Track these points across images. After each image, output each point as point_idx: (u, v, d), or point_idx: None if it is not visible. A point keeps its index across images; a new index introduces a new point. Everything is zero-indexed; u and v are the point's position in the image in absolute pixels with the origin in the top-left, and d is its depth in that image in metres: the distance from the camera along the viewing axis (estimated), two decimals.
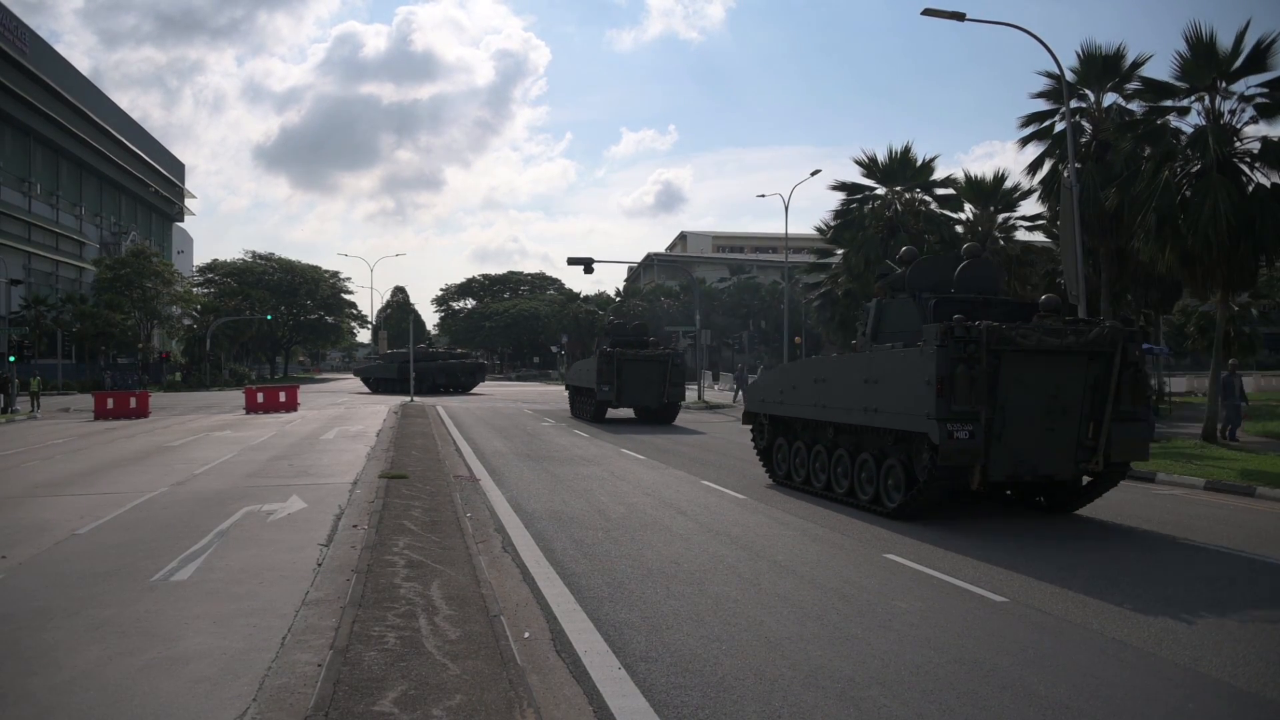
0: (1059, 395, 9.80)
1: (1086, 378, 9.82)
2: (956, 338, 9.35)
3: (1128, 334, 9.80)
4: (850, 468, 11.47)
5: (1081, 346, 9.70)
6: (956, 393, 9.32)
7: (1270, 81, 18.36)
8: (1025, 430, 9.72)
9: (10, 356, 38.03)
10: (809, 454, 12.56)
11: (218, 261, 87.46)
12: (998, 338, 9.39)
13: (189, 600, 6.67)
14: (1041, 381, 9.73)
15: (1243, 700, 4.97)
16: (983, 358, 9.34)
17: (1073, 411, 9.86)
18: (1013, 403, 9.63)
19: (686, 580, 7.43)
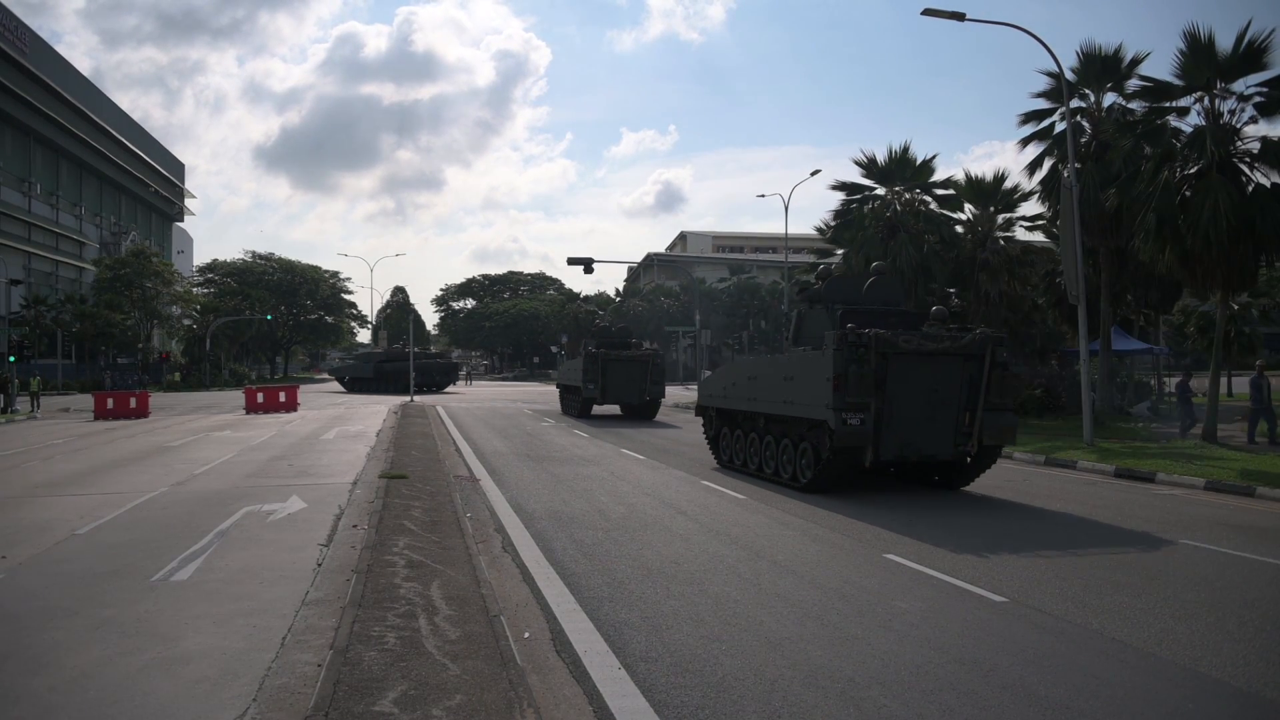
0: (938, 390, 11.75)
1: (962, 375, 11.78)
2: (849, 343, 11.34)
3: (996, 339, 11.85)
4: (775, 451, 13.47)
5: (957, 349, 11.70)
6: (849, 388, 11.27)
7: (1269, 80, 18.34)
8: (910, 418, 11.65)
9: (10, 356, 38.04)
10: (746, 441, 14.60)
11: (217, 261, 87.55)
12: (884, 342, 11.36)
13: (189, 600, 6.68)
14: (923, 378, 11.67)
15: (1243, 700, 4.97)
16: (872, 359, 11.30)
17: (950, 403, 11.80)
18: (899, 396, 11.56)
19: (687, 580, 7.44)
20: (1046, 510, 11.22)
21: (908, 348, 11.51)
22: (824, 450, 11.84)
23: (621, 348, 28.85)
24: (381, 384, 51.17)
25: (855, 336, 11.42)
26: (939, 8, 17.99)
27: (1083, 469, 15.62)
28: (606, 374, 27.69)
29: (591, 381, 27.61)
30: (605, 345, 28.72)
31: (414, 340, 49.19)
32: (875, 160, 28.72)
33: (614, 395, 28.31)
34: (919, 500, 11.97)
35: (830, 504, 11.47)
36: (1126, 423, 24.48)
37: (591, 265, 36.64)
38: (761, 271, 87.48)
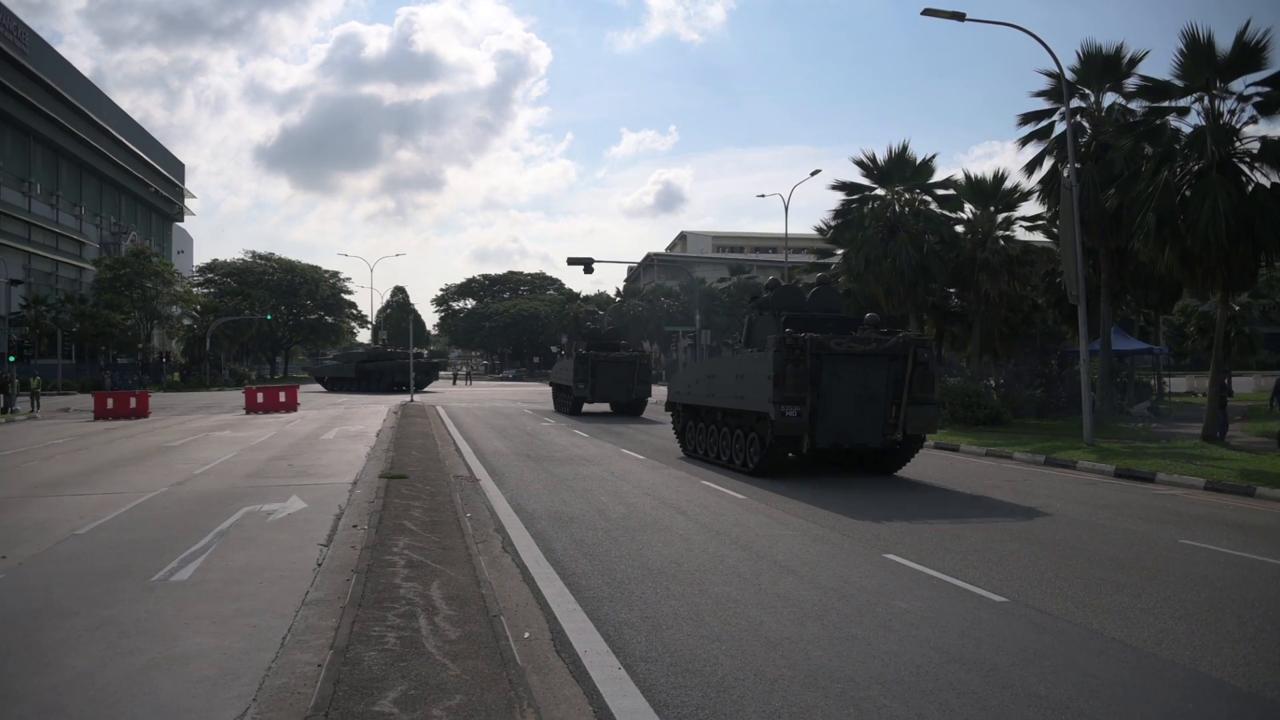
0: (867, 386, 13.36)
1: (888, 374, 13.37)
2: (787, 345, 13.01)
3: (918, 342, 13.57)
4: (730, 440, 15.19)
5: (882, 351, 13.29)
6: (787, 384, 12.94)
7: (1269, 79, 18.35)
8: (842, 411, 13.33)
9: (10, 356, 38.03)
10: (707, 432, 16.30)
11: (217, 261, 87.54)
12: (818, 345, 13.04)
13: (189, 600, 6.68)
14: (854, 376, 13.30)
15: (1243, 700, 4.97)
16: (807, 359, 12.98)
17: (879, 397, 13.40)
18: (832, 391, 13.21)
19: (687, 580, 7.44)
20: (1044, 510, 11.22)
21: (839, 349, 13.20)
22: (767, 438, 13.49)
23: (610, 349, 30.26)
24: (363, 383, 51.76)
25: (793, 340, 13.11)
26: (939, 8, 18.00)
27: (1083, 469, 15.63)
28: (596, 373, 29.23)
29: (582, 381, 29.10)
30: (595, 347, 30.12)
31: (413, 341, 49.27)
32: (875, 160, 28.73)
33: (603, 394, 29.94)
34: (920, 501, 11.98)
35: (830, 504, 11.48)
36: (1126, 423, 24.49)
37: (591, 265, 36.67)
38: (761, 271, 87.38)
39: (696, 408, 16.85)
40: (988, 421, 23.35)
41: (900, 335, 13.80)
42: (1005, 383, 27.82)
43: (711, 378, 16.02)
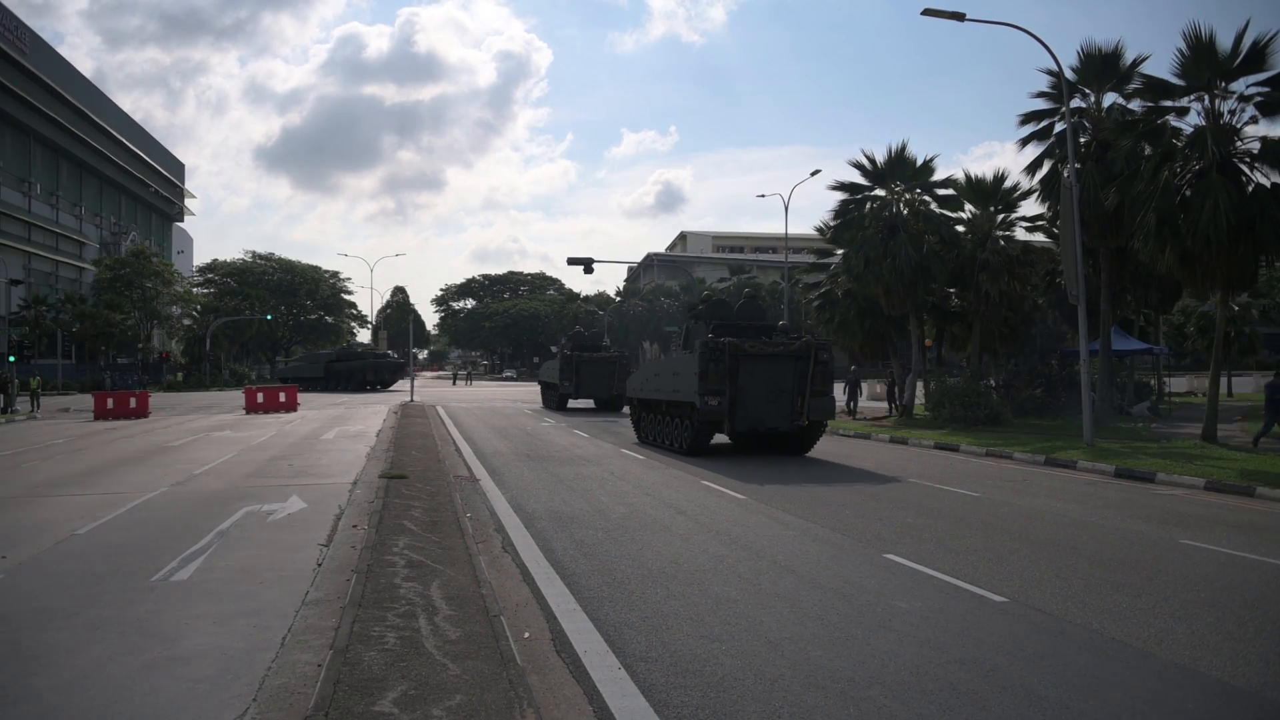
0: (777, 381, 16.23)
1: (794, 370, 16.21)
2: (709, 348, 15.91)
3: (818, 345, 16.55)
4: (670, 427, 18.15)
5: (789, 352, 16.24)
6: (709, 380, 15.86)
7: (1269, 79, 18.34)
8: (756, 401, 16.17)
9: (10, 356, 38.03)
10: (655, 421, 19.33)
11: (217, 261, 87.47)
12: (735, 347, 15.95)
13: (189, 600, 6.68)
14: (766, 372, 16.16)
15: (1243, 700, 4.97)
16: (725, 359, 15.87)
17: (786, 391, 16.25)
18: (747, 385, 16.07)
19: (686, 580, 7.43)
20: (1045, 510, 11.22)
21: (752, 351, 16.16)
22: (695, 423, 16.52)
23: (593, 350, 33.57)
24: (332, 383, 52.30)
25: (714, 343, 15.98)
26: (939, 8, 17.99)
27: (1083, 469, 15.62)
28: (580, 372, 32.39)
29: (567, 379, 32.41)
30: (579, 348, 33.38)
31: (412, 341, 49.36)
32: (875, 160, 28.71)
33: (587, 390, 32.89)
34: (919, 501, 11.98)
35: (830, 504, 11.48)
36: (1126, 423, 24.49)
37: (591, 265, 36.69)
38: (761, 271, 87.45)
39: (646, 401, 19.95)
40: (988, 421, 23.36)
41: (803, 339, 16.91)
42: (1005, 383, 27.82)
43: (656, 375, 19.53)
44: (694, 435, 16.77)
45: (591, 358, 32.51)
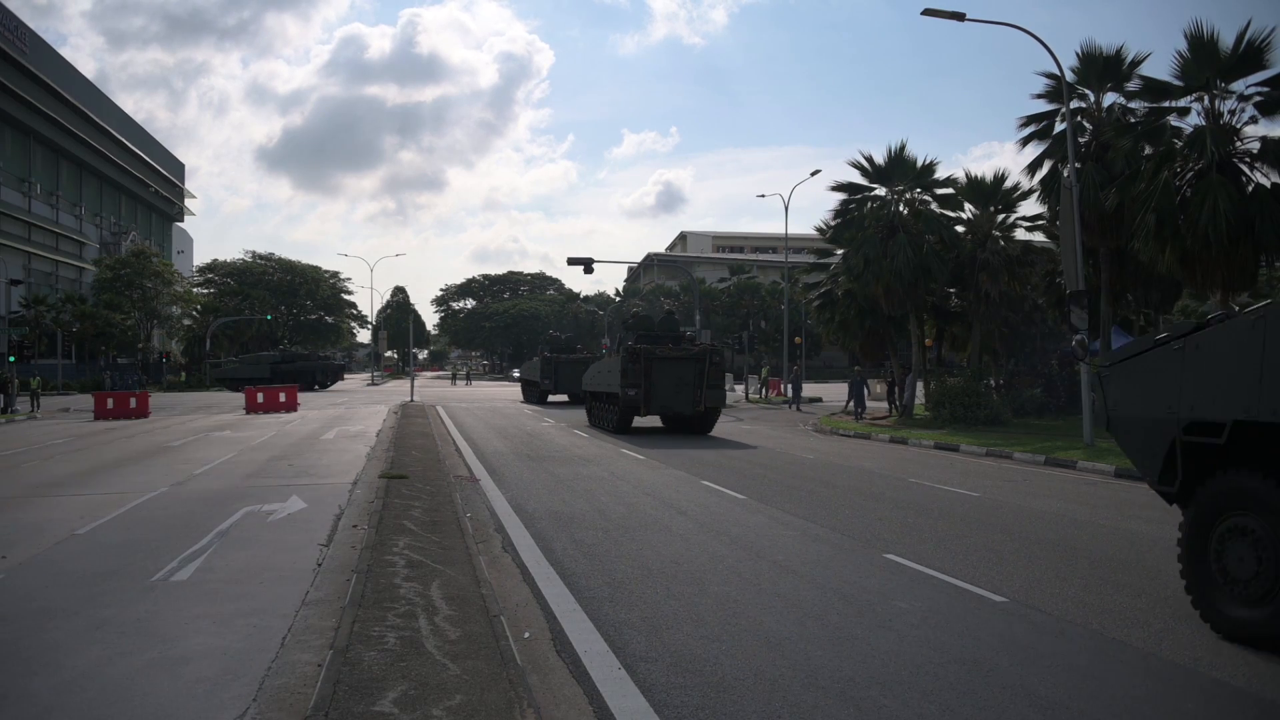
0: (681, 377, 21.42)
1: (694, 369, 21.39)
2: (630, 351, 21.19)
3: (711, 349, 21.97)
4: (607, 413, 23.42)
5: (690, 356, 21.51)
6: (629, 376, 21.04)
7: (1269, 79, 18.33)
8: (666, 392, 21.39)
9: (10, 357, 38.02)
10: (599, 408, 24.67)
11: (217, 262, 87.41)
12: (648, 352, 21.15)
13: (189, 600, 6.67)
14: (673, 370, 21.38)
15: (1243, 700, 4.97)
16: (641, 361, 21.02)
17: (689, 384, 21.37)
18: (658, 380, 21.25)
19: (686, 580, 7.43)
20: (1045, 510, 11.22)
21: (661, 355, 21.45)
22: (619, 408, 21.89)
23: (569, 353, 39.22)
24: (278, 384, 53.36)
25: (632, 349, 21.38)
26: (939, 8, 17.99)
27: (1083, 469, 15.62)
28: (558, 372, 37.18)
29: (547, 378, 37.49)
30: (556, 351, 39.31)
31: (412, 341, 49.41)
32: (875, 160, 28.69)
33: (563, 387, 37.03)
34: (919, 501, 11.98)
35: (829, 505, 11.48)
36: None
37: (591, 265, 36.71)
38: (761, 271, 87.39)
39: (592, 392, 25.61)
40: (988, 421, 23.36)
41: (700, 345, 23.22)
42: (1005, 383, 27.81)
43: (598, 373, 25.12)
44: (619, 417, 22.10)
45: (568, 359, 37.79)
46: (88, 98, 68.90)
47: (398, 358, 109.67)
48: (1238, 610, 5.75)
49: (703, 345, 23.06)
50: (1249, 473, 5.73)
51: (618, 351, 22.71)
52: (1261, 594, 5.56)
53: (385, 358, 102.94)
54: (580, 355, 39.03)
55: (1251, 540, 5.66)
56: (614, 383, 21.81)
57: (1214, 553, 5.94)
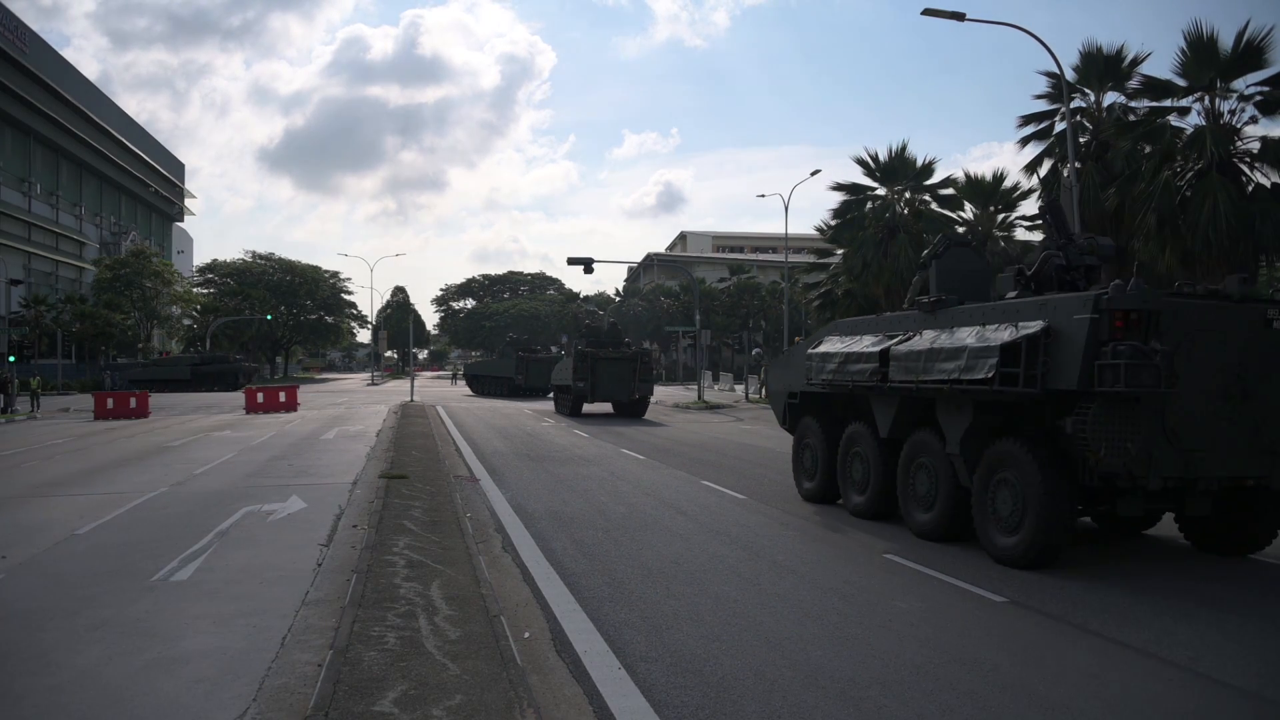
0: (619, 373, 27.92)
1: (629, 366, 28.10)
2: (580, 353, 28.11)
3: (642, 353, 29.89)
4: (568, 401, 29.19)
5: (626, 357, 28.45)
6: (579, 372, 27.61)
7: (1270, 79, 18.35)
8: (608, 384, 27.97)
9: (10, 356, 38.01)
10: (561, 398, 30.96)
11: (217, 262, 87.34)
12: (593, 354, 27.83)
13: (189, 600, 6.67)
14: (613, 368, 27.90)
15: (1243, 700, 4.97)
16: (589, 361, 27.68)
17: (626, 378, 27.91)
18: (601, 375, 27.69)
19: (686, 580, 7.43)
20: None
21: (604, 355, 28.08)
22: (572, 397, 28.46)
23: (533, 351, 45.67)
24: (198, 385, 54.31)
25: (581, 351, 28.23)
26: (939, 8, 17.99)
27: None
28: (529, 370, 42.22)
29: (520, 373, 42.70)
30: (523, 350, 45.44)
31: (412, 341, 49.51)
32: (875, 160, 28.72)
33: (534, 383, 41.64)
34: None
35: (830, 504, 11.47)
36: None
37: (591, 265, 36.63)
38: (761, 271, 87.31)
39: (556, 385, 32.14)
40: None
41: (634, 349, 30.11)
42: None
43: (559, 370, 31.59)
44: (573, 403, 28.82)
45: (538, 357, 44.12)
46: (88, 98, 68.88)
47: (398, 358, 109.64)
48: (806, 484, 11.83)
49: (636, 349, 30.18)
50: (808, 416, 11.81)
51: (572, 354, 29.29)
52: (813, 472, 11.60)
53: (385, 358, 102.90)
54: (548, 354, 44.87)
55: (810, 448, 11.70)
56: (569, 377, 28.56)
57: (796, 456, 12.07)
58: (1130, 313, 7.11)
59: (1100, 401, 7.02)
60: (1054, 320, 7.46)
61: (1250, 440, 7.47)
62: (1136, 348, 6.86)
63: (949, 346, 8.32)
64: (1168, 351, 6.96)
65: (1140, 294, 7.19)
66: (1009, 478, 7.91)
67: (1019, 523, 7.80)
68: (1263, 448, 7.50)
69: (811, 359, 10.94)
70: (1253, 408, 7.44)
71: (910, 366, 8.83)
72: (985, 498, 8.22)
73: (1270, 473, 7.55)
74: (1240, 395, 7.42)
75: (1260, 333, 7.51)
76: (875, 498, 10.14)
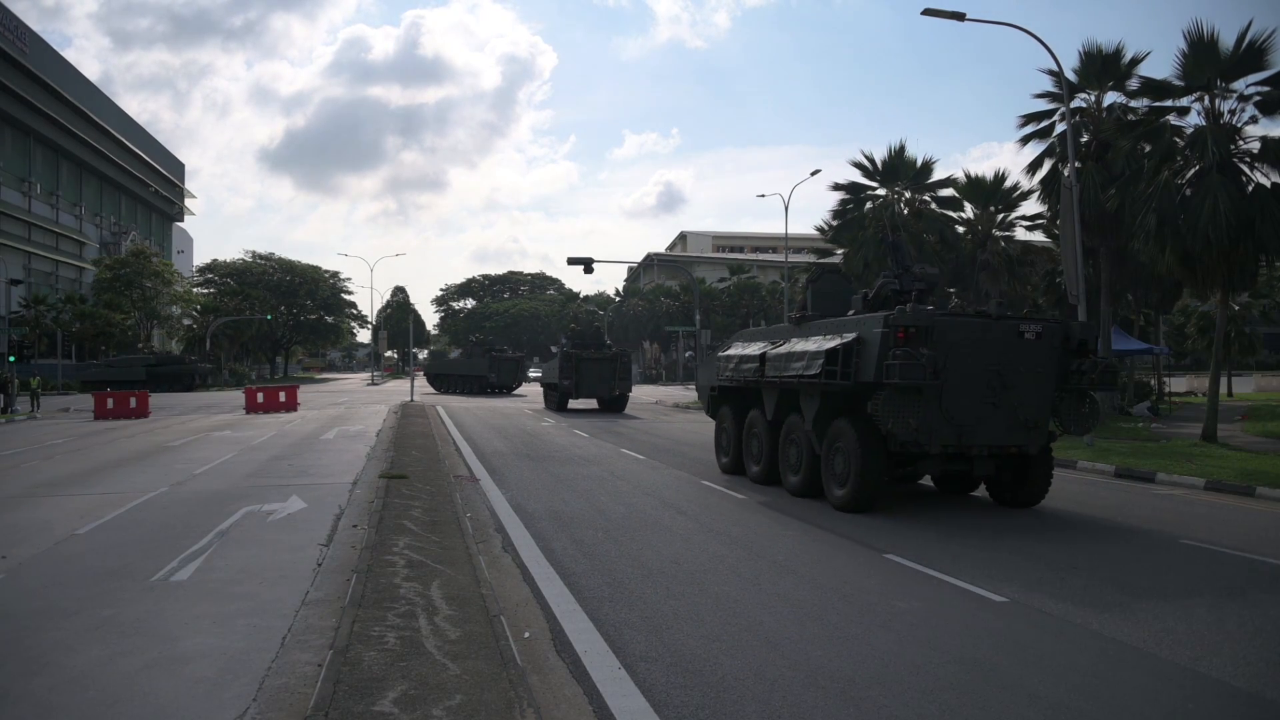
0: (601, 372, 31.40)
1: (610, 366, 31.68)
2: (564, 354, 31.48)
3: (621, 353, 32.94)
4: (555, 398, 32.35)
5: (606, 357, 31.80)
6: (565, 372, 31.07)
7: (1270, 79, 18.34)
8: (590, 382, 31.36)
9: (10, 356, 38.00)
10: (549, 395, 33.87)
11: (217, 262, 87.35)
12: (577, 355, 31.27)
13: (189, 600, 6.67)
14: (595, 368, 31.31)
15: (1243, 700, 4.97)
16: (574, 362, 31.13)
17: (606, 376, 31.53)
18: (584, 374, 31.23)
19: (686, 580, 7.43)
20: (1046, 510, 11.22)
21: (587, 356, 31.02)
22: (559, 394, 31.24)
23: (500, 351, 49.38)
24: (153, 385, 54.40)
25: (566, 353, 31.15)
26: (939, 8, 17.99)
27: (1083, 468, 15.62)
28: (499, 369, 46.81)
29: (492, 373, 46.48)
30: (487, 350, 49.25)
31: (412, 340, 49.63)
32: (875, 160, 28.73)
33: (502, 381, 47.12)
34: (918, 501, 11.98)
35: (829, 504, 11.47)
36: (1126, 423, 24.48)
37: (591, 265, 36.68)
38: (761, 271, 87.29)
39: (545, 383, 35.58)
40: None
41: (614, 350, 32.68)
42: None
43: (549, 369, 34.49)
44: (559, 399, 31.93)
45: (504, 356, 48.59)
46: (88, 97, 68.90)
47: (398, 357, 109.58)
48: (723, 459, 14.68)
49: (616, 350, 32.91)
50: (723, 405, 14.53)
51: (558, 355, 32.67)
52: (728, 450, 14.34)
53: (385, 358, 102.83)
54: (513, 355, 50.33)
55: (725, 431, 14.58)
56: (555, 376, 31.91)
57: (716, 437, 15.04)
58: (909, 328, 9.67)
59: (888, 390, 9.71)
60: (863, 333, 10.16)
61: (1010, 419, 10.25)
62: (909, 352, 9.50)
63: (799, 351, 11.07)
64: (934, 355, 9.59)
65: (916, 314, 9.85)
66: (842, 446, 10.70)
67: (847, 479, 10.56)
68: (1019, 424, 10.30)
69: (720, 360, 13.99)
70: (1011, 396, 10.19)
71: (778, 366, 11.57)
72: (828, 462, 11.01)
73: (1026, 442, 10.41)
74: (1001, 386, 10.14)
75: (1014, 341, 10.17)
76: (767, 467, 12.88)
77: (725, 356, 13.76)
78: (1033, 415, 10.36)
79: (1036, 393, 10.36)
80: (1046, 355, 10.34)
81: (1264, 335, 45.18)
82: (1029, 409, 10.32)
